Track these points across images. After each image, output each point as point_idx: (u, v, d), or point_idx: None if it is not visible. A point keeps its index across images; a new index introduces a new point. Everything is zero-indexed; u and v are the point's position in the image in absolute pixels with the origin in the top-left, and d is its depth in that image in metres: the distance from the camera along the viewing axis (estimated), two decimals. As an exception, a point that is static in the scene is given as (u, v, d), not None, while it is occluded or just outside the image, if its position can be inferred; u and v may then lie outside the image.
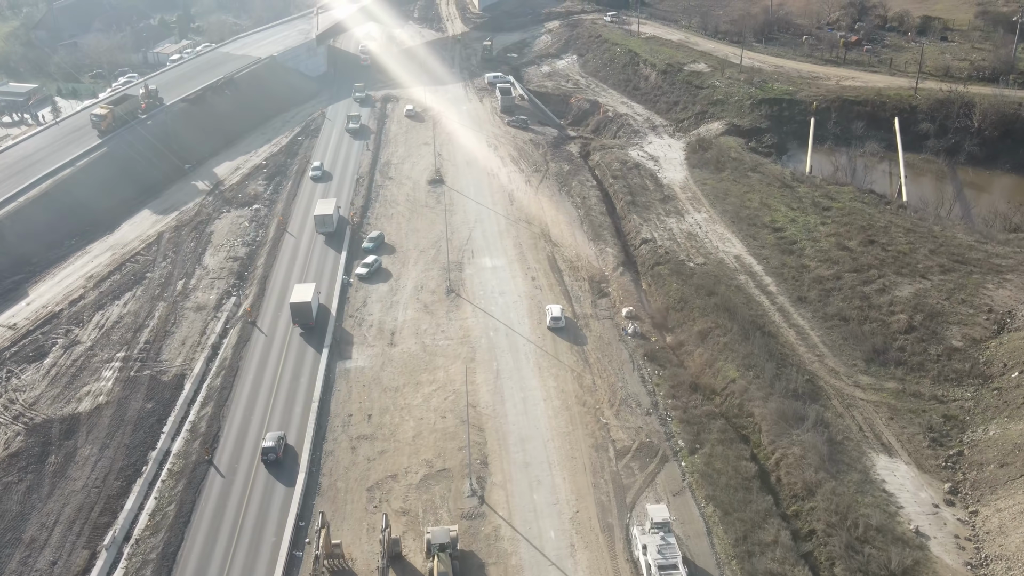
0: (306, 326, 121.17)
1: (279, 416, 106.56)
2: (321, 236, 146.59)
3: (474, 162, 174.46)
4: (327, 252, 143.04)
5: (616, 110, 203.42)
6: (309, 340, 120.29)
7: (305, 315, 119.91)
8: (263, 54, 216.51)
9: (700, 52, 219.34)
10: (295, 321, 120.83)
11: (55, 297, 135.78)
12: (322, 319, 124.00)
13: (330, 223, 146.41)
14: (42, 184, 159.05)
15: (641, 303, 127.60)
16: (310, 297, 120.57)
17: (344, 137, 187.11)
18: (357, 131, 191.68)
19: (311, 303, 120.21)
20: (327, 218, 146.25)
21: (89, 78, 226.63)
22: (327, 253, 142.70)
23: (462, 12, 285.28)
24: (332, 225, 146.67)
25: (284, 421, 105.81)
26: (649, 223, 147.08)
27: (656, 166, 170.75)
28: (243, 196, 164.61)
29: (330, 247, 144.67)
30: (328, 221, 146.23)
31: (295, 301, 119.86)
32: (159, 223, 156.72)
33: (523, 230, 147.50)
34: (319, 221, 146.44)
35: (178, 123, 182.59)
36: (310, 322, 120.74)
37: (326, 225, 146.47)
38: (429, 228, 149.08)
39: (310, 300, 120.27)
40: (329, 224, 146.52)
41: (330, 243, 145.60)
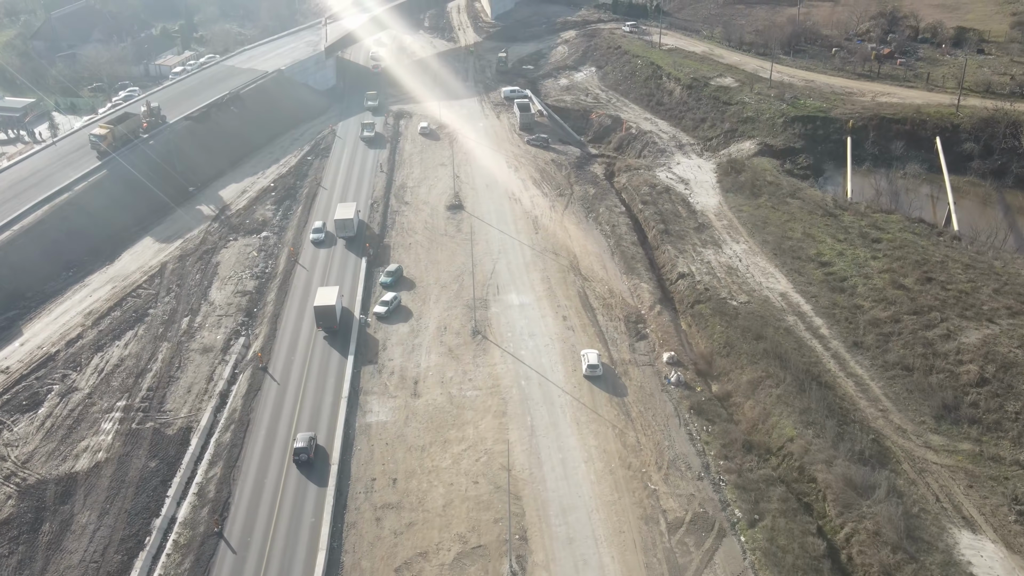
0: (330, 330, 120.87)
1: (294, 480, 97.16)
2: (334, 271, 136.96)
3: (494, 185, 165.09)
4: (344, 282, 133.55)
5: (640, 127, 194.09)
6: (325, 388, 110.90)
7: (329, 319, 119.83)
8: (270, 68, 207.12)
9: (726, 65, 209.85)
10: (319, 325, 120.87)
11: (51, 336, 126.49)
12: (339, 369, 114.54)
13: (351, 227, 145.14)
14: (37, 211, 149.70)
15: (683, 346, 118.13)
16: (334, 300, 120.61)
17: (356, 158, 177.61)
18: (372, 139, 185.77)
19: (335, 307, 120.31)
20: (347, 222, 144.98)
21: (88, 92, 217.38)
22: (344, 284, 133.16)
23: (474, 21, 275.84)
24: (352, 229, 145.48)
25: (300, 485, 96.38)
26: (685, 255, 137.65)
27: (687, 190, 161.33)
28: (251, 222, 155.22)
29: (347, 275, 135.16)
30: (348, 225, 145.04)
31: (319, 304, 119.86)
32: (162, 252, 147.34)
33: (550, 262, 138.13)
34: (339, 225, 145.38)
35: (182, 143, 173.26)
36: (334, 326, 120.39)
37: (347, 230, 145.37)
38: (450, 260, 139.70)
39: (334, 303, 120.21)
40: (350, 228, 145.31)
41: (346, 272, 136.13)
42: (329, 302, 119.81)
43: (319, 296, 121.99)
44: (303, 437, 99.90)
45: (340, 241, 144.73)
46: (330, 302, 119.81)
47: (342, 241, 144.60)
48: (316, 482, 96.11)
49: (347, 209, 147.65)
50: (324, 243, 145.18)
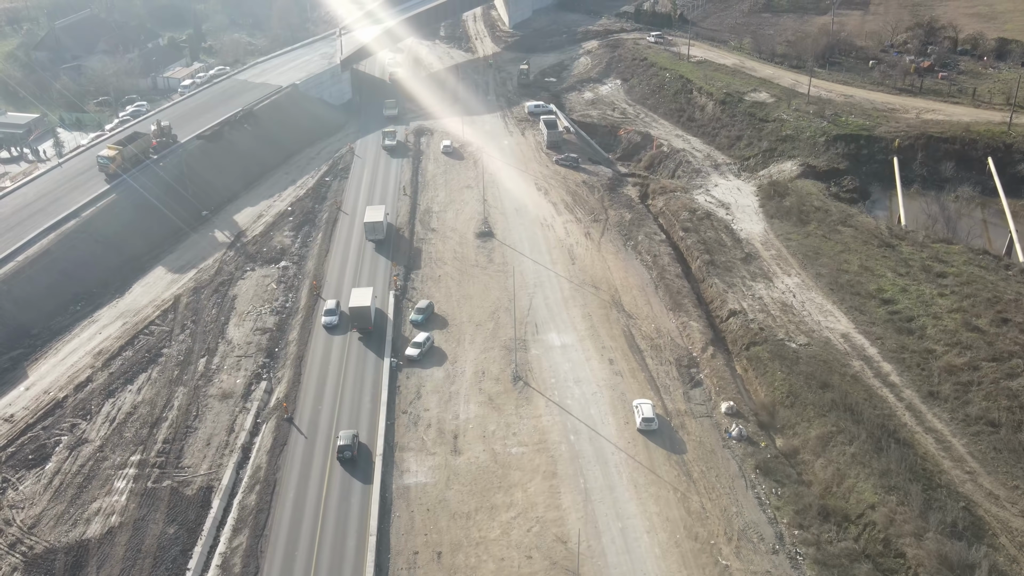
0: (364, 331, 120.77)
1: (328, 553, 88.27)
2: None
3: (524, 210, 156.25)
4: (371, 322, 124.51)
5: (671, 144, 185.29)
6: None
7: (364, 320, 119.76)
8: (284, 82, 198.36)
9: (759, 79, 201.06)
10: (354, 326, 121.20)
11: (58, 380, 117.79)
12: (372, 413, 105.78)
13: (380, 230, 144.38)
14: (43, 240, 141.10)
15: (741, 395, 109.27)
16: (368, 301, 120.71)
17: (377, 179, 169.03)
18: (394, 148, 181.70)
19: (370, 307, 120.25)
20: (377, 225, 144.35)
21: (94, 106, 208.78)
22: (372, 324, 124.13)
23: (491, 30, 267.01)
24: (382, 232, 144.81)
25: (335, 558, 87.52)
26: (734, 289, 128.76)
27: (729, 215, 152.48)
28: (268, 251, 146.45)
29: (377, 314, 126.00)
30: (378, 228, 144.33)
31: (354, 305, 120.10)
32: (175, 284, 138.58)
33: (590, 297, 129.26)
34: (369, 228, 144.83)
35: (194, 163, 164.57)
36: (368, 327, 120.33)
37: (376, 232, 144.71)
38: (483, 294, 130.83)
39: (368, 304, 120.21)
40: (380, 231, 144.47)
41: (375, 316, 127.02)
42: (364, 303, 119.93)
43: (353, 297, 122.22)
44: (338, 493, 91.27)
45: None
46: (365, 303, 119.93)
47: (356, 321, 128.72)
48: (353, 557, 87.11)
49: (376, 212, 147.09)
50: (337, 329, 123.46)
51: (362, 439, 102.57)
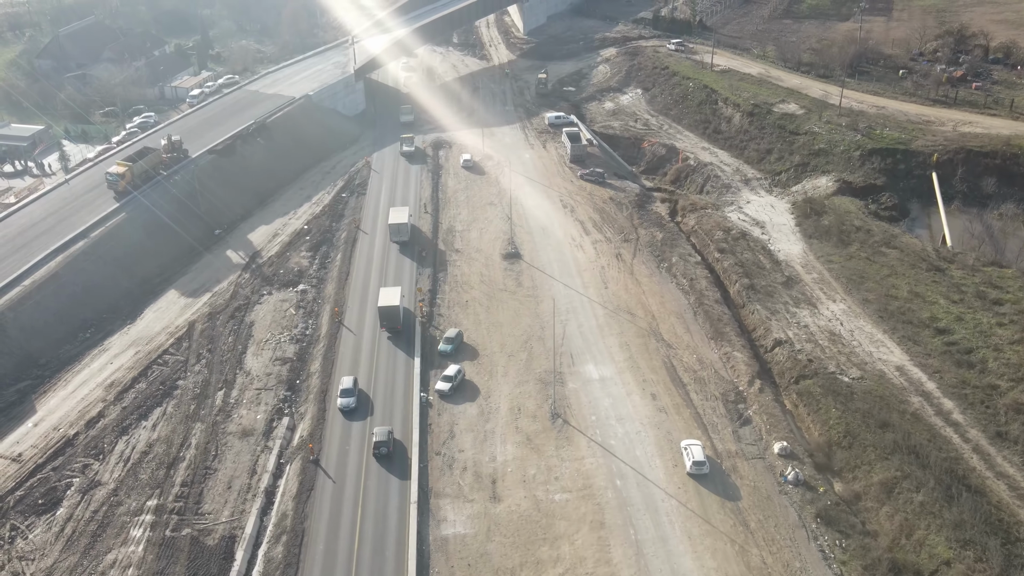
0: (393, 330, 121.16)
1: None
2: (387, 335, 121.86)
3: (550, 229, 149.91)
4: (396, 354, 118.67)
5: (698, 157, 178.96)
6: (389, 488, 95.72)
7: (393, 319, 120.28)
8: (297, 93, 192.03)
9: (786, 89, 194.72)
10: (383, 325, 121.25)
11: (68, 415, 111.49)
12: (403, 463, 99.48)
13: (405, 231, 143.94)
14: (50, 263, 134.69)
15: (793, 433, 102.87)
16: (397, 300, 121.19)
17: (396, 196, 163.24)
18: (412, 155, 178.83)
19: (399, 307, 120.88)
20: (402, 227, 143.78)
21: (100, 117, 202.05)
22: (396, 356, 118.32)
23: (505, 37, 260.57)
24: (407, 234, 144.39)
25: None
26: (777, 316, 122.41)
27: (764, 234, 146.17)
28: (285, 273, 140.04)
29: (399, 347, 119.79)
30: (403, 230, 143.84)
31: (383, 305, 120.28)
32: (189, 309, 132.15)
33: (626, 324, 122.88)
34: (394, 230, 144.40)
35: (206, 179, 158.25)
36: (397, 326, 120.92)
37: (401, 234, 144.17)
38: (514, 321, 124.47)
39: (398, 303, 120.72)
40: (404, 232, 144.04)
41: (398, 342, 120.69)
42: (393, 302, 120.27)
43: (382, 297, 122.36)
44: (371, 545, 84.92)
45: (386, 336, 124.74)
46: (394, 302, 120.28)
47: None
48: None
49: (401, 213, 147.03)
50: (356, 412, 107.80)
51: (393, 483, 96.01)
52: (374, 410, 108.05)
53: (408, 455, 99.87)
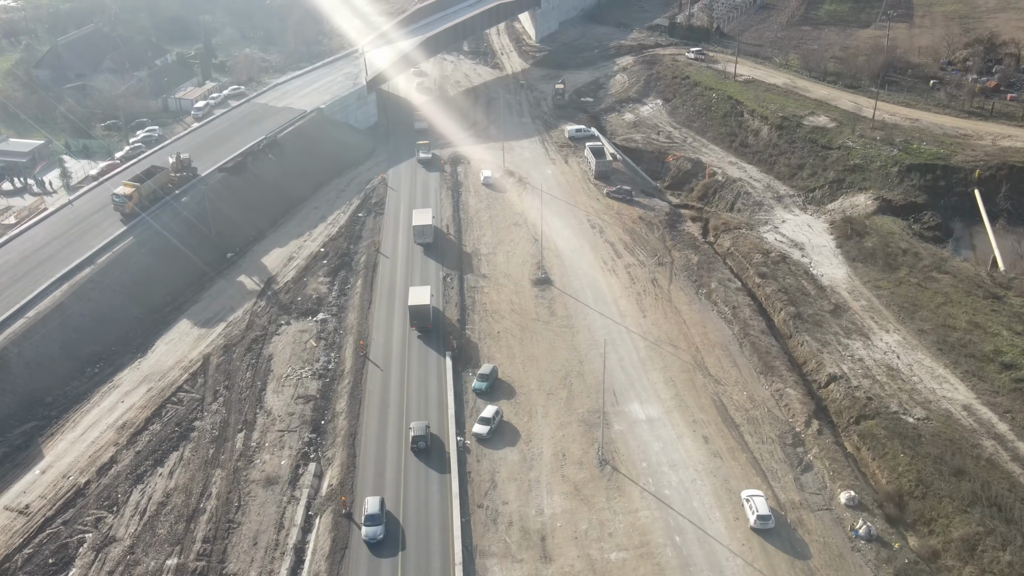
0: (424, 329, 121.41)
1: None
2: (417, 368, 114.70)
3: (580, 251, 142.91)
4: (427, 391, 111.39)
5: (725, 172, 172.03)
6: (431, 548, 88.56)
7: (423, 319, 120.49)
8: (307, 105, 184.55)
9: (815, 101, 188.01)
10: (413, 324, 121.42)
11: (78, 460, 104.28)
12: (442, 507, 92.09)
13: (428, 233, 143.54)
14: (55, 291, 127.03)
15: (859, 480, 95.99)
16: (427, 299, 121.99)
17: (415, 210, 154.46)
18: (429, 161, 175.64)
19: (429, 305, 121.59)
20: (426, 228, 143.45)
21: (101, 130, 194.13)
22: (427, 393, 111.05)
23: (516, 44, 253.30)
24: (431, 236, 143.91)
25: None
26: (829, 349, 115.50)
27: (804, 257, 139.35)
28: (303, 300, 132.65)
29: (430, 383, 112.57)
30: (427, 231, 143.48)
31: (414, 304, 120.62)
32: (203, 341, 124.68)
33: (669, 357, 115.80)
34: (417, 232, 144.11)
35: (216, 199, 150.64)
36: (428, 325, 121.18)
37: (424, 236, 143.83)
38: (550, 354, 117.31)
39: (428, 302, 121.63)
40: (428, 234, 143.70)
41: (429, 375, 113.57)
42: (423, 301, 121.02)
43: (412, 296, 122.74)
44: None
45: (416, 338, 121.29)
46: (424, 301, 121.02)
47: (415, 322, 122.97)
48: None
49: (424, 215, 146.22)
50: (385, 546, 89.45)
51: (434, 539, 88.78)
52: (406, 458, 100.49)
53: (449, 507, 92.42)
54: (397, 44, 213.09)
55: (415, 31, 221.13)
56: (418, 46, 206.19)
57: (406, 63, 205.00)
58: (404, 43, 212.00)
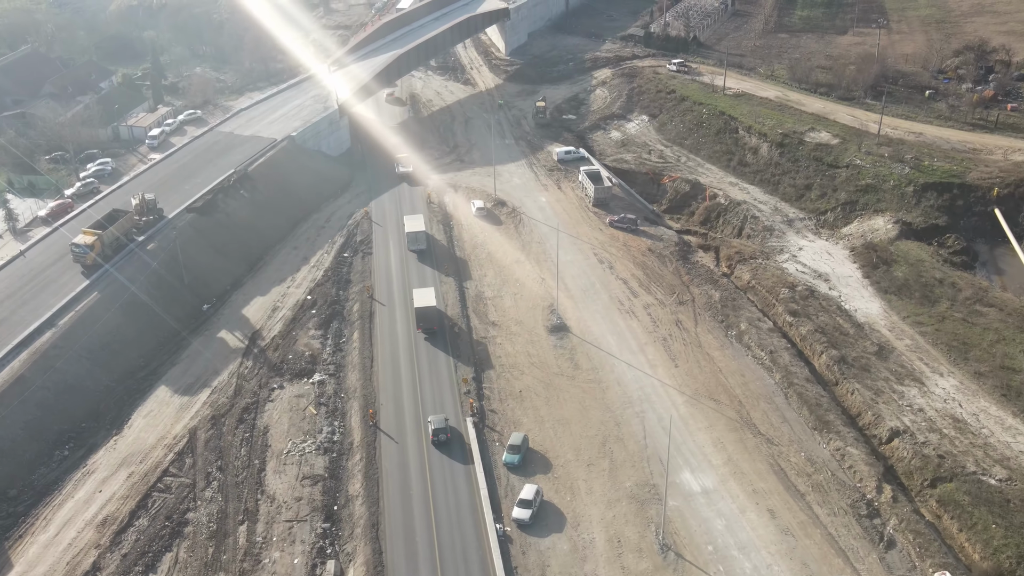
0: (430, 331, 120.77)
1: None
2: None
3: (592, 289, 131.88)
4: (452, 467, 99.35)
5: (728, 194, 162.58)
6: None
7: (431, 320, 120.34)
8: (277, 133, 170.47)
9: (811, 115, 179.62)
10: (419, 326, 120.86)
11: (54, 569, 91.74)
12: None
13: (422, 240, 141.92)
14: (12, 362, 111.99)
15: (946, 554, 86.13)
16: (434, 300, 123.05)
17: (408, 254, 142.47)
18: (410, 175, 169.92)
19: (436, 306, 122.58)
20: (419, 235, 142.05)
21: (46, 163, 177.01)
22: (452, 469, 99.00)
23: (486, 58, 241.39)
24: (424, 242, 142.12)
25: None
26: (883, 397, 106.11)
27: (833, 290, 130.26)
28: (295, 359, 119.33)
29: (453, 456, 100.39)
30: (420, 238, 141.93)
31: (420, 306, 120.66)
32: (186, 412, 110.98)
33: (712, 414, 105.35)
34: (411, 239, 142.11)
35: (187, 244, 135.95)
36: (435, 327, 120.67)
37: (418, 242, 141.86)
38: (582, 416, 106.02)
39: (435, 303, 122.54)
40: (421, 241, 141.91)
41: (451, 445, 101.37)
42: (430, 302, 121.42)
43: (417, 298, 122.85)
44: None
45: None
46: (431, 302, 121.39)
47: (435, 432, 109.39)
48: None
49: (416, 221, 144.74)
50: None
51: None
52: (441, 553, 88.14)
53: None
54: (365, 63, 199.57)
55: (381, 48, 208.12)
56: (388, 65, 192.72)
57: (378, 83, 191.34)
58: (372, 62, 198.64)
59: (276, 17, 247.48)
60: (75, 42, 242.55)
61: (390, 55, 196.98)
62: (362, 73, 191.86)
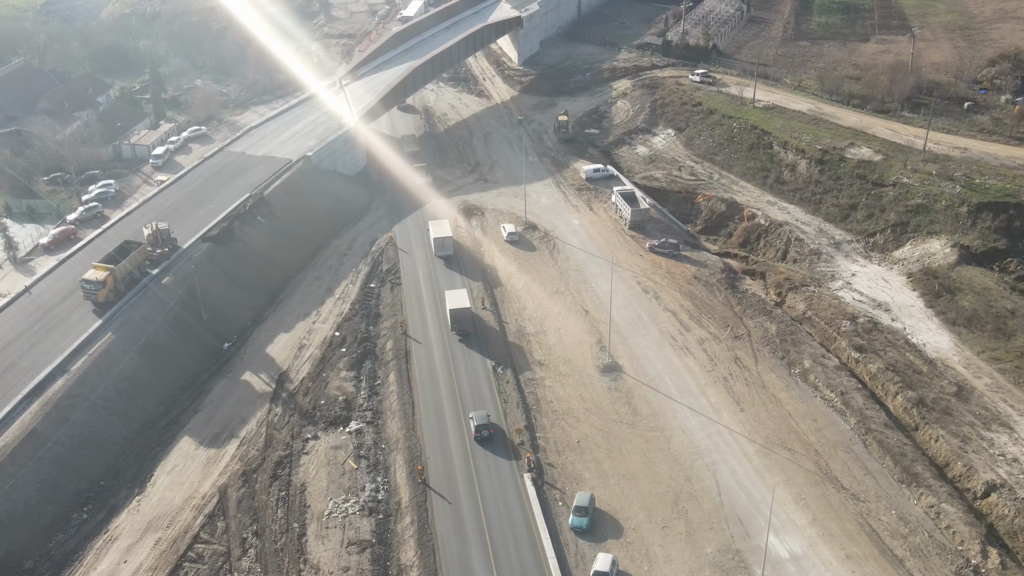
0: (464, 333, 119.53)
1: None
2: (493, 494, 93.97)
3: (641, 324, 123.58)
4: (515, 532, 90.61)
5: (767, 215, 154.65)
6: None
7: (465, 322, 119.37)
8: (291, 153, 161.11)
9: (848, 129, 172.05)
10: (454, 328, 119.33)
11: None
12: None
13: (449, 246, 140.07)
14: (23, 414, 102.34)
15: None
16: (468, 302, 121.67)
17: (439, 282, 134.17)
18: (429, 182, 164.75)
19: (471, 308, 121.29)
20: (446, 241, 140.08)
21: (45, 184, 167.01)
22: (516, 535, 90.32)
23: (498, 68, 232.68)
24: (451, 248, 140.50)
25: None
26: (971, 445, 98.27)
27: (895, 321, 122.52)
28: (328, 404, 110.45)
29: (513, 515, 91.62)
30: (447, 244, 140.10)
31: (455, 308, 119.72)
32: (214, 467, 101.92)
33: (789, 466, 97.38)
34: (438, 244, 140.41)
35: (204, 276, 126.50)
36: (468, 329, 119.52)
37: (445, 248, 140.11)
38: (648, 470, 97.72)
39: (469, 305, 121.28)
40: (448, 247, 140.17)
41: (510, 504, 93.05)
42: (464, 304, 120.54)
43: (451, 299, 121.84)
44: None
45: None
46: (464, 304, 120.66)
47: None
48: None
49: (442, 227, 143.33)
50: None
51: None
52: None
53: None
54: (377, 76, 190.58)
55: (393, 60, 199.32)
56: (404, 79, 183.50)
57: (393, 98, 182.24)
58: (385, 75, 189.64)
59: (276, 26, 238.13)
60: (68, 53, 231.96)
61: (403, 68, 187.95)
62: (376, 88, 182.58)
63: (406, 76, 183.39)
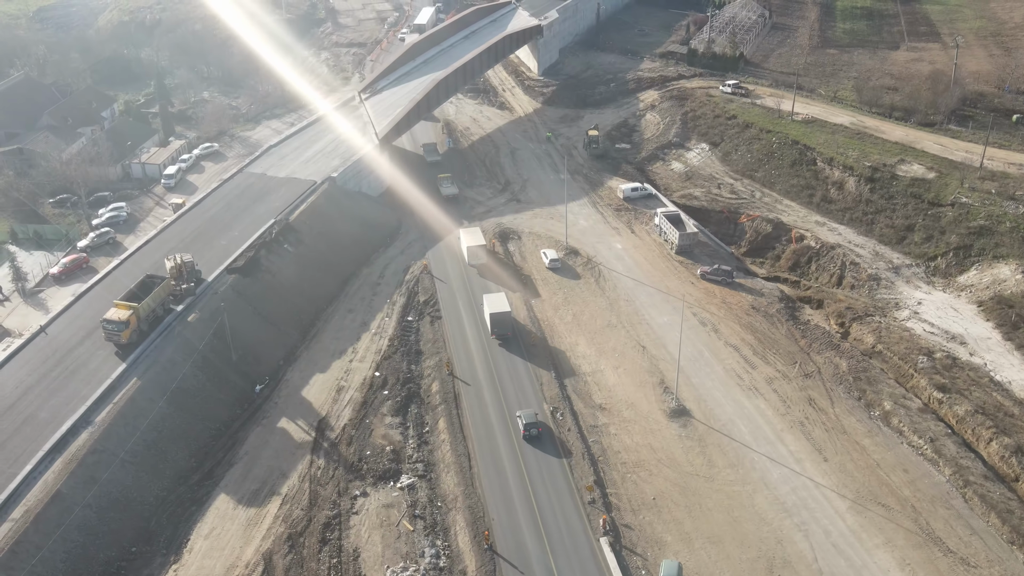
0: (504, 337, 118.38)
1: None
2: (567, 564, 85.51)
3: (703, 360, 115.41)
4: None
5: (817, 236, 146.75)
6: None
7: (505, 326, 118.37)
8: (315, 174, 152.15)
9: (896, 144, 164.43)
10: (494, 332, 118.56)
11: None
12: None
13: (481, 255, 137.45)
14: (45, 473, 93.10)
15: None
16: (508, 306, 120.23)
17: (479, 315, 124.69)
18: (455, 198, 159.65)
19: (511, 312, 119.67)
20: (478, 250, 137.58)
21: (51, 208, 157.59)
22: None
23: (517, 78, 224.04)
24: (484, 257, 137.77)
25: None
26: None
27: (974, 356, 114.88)
28: (375, 456, 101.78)
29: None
30: (479, 253, 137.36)
31: (495, 312, 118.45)
32: (255, 529, 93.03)
33: (887, 525, 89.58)
34: (472, 253, 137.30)
35: (231, 311, 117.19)
36: (508, 333, 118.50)
37: (478, 257, 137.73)
38: (734, 531, 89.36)
39: (510, 309, 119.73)
40: (481, 256, 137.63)
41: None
42: (504, 308, 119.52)
43: (490, 303, 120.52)
44: None
45: None
46: (504, 308, 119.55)
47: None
48: None
49: (475, 235, 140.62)
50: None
51: None
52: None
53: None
54: (396, 91, 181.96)
55: (412, 73, 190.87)
56: (427, 94, 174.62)
57: (417, 113, 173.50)
58: (404, 88, 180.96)
59: (282, 36, 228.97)
60: (68, 65, 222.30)
61: (426, 81, 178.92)
62: (398, 103, 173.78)
63: (429, 90, 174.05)
